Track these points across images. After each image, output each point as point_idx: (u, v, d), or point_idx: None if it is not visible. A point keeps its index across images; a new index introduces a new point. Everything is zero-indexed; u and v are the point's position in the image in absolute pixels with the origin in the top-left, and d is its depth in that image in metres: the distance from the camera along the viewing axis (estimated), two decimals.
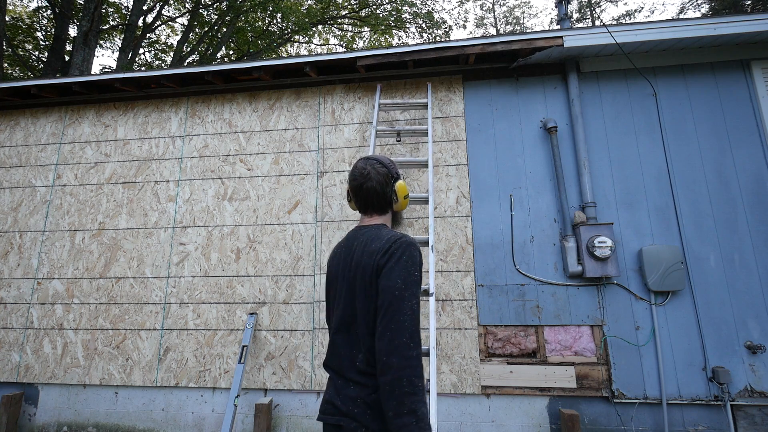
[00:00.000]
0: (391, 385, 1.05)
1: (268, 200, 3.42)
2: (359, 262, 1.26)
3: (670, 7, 28.38)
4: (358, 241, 1.34)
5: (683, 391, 2.78)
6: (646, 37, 3.01)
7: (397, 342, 1.09)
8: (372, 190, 1.40)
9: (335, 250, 1.44)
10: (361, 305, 1.22)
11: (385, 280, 1.17)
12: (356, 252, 1.30)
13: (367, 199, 1.41)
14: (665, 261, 2.85)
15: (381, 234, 1.30)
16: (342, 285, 1.31)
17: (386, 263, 1.19)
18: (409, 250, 1.22)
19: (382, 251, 1.22)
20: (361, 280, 1.24)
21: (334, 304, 1.35)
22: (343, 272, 1.32)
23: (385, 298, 1.15)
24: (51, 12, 11.15)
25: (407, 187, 1.46)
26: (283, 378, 3.07)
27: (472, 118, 3.43)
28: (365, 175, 1.41)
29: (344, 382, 1.23)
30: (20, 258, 3.56)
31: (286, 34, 14.12)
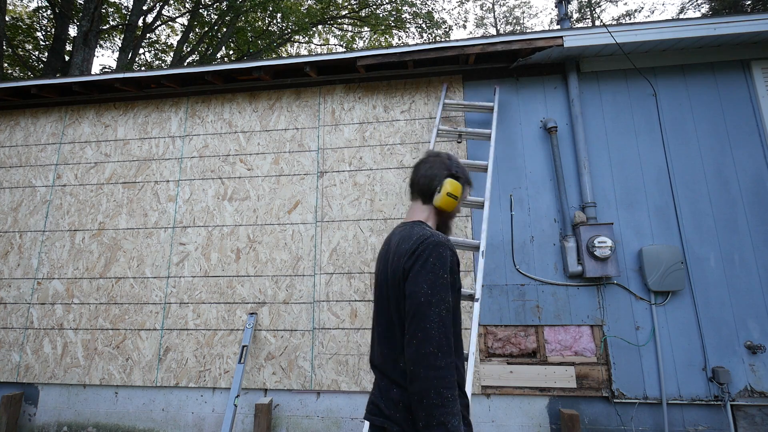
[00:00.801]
0: (420, 396, 1.02)
1: (268, 200, 3.42)
2: (391, 264, 1.22)
3: (670, 7, 28.38)
4: (394, 241, 1.29)
5: (683, 391, 2.78)
6: (646, 37, 3.01)
7: (423, 352, 1.03)
8: (421, 175, 1.36)
9: (382, 247, 1.39)
10: (394, 308, 1.18)
11: (411, 285, 1.11)
12: (391, 252, 1.26)
13: (413, 182, 1.38)
14: (665, 261, 2.85)
15: (413, 233, 1.22)
16: (380, 285, 1.28)
17: (412, 266, 1.13)
18: (437, 250, 1.13)
19: (409, 253, 1.15)
20: (392, 282, 1.19)
21: (375, 301, 1.32)
22: (382, 272, 1.28)
23: (410, 305, 1.09)
24: (51, 12, 11.15)
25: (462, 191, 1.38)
26: (283, 378, 3.07)
27: (472, 118, 3.43)
28: (424, 159, 1.40)
29: (388, 383, 1.20)
30: (20, 258, 3.56)
31: (286, 34, 14.12)
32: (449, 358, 1.04)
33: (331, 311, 3.14)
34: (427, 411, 1.00)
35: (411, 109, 3.48)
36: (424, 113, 3.45)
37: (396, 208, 3.27)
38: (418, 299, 1.08)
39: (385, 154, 3.40)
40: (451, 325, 1.07)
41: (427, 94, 3.50)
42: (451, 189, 1.33)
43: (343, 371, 3.03)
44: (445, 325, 1.06)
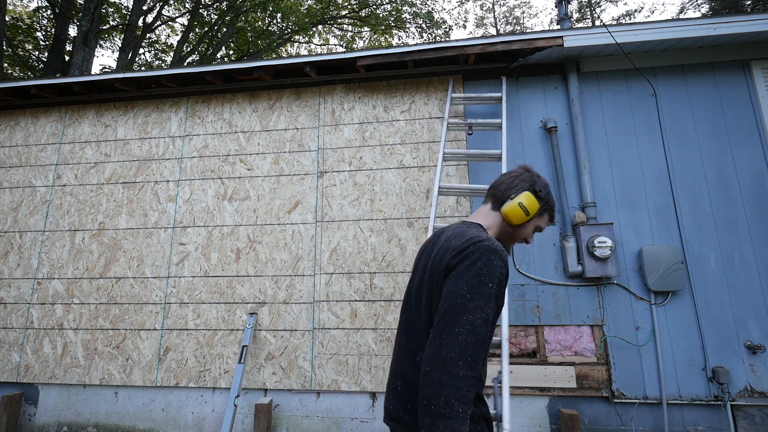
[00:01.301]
0: (428, 401, 0.93)
1: (268, 200, 3.42)
2: (435, 258, 1.15)
3: (670, 7, 28.38)
4: (444, 235, 1.22)
5: (683, 391, 2.78)
6: (646, 37, 3.01)
7: (444, 354, 0.94)
8: (502, 182, 1.30)
9: (427, 240, 1.34)
10: (427, 303, 1.12)
11: (449, 284, 1.03)
12: (437, 246, 1.19)
13: (492, 186, 1.32)
14: (665, 261, 2.85)
15: (467, 232, 1.14)
16: (416, 277, 1.23)
17: (457, 265, 1.05)
18: (487, 256, 1.04)
19: (457, 250, 1.07)
20: (430, 276, 1.13)
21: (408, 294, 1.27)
22: (422, 265, 1.23)
23: (444, 304, 1.01)
24: (51, 12, 11.15)
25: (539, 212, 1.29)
26: (283, 378, 3.07)
27: (473, 112, 3.43)
28: (512, 170, 1.34)
29: (399, 380, 1.15)
30: (20, 258, 3.56)
31: (286, 34, 14.12)
32: (471, 371, 0.93)
33: (331, 311, 3.14)
34: (432, 420, 0.91)
35: (411, 109, 3.48)
36: (424, 113, 3.45)
37: (396, 208, 3.27)
38: (453, 300, 1.00)
39: (385, 154, 3.40)
40: (483, 338, 0.97)
41: (427, 94, 3.50)
42: (525, 202, 1.24)
43: (343, 371, 3.03)
44: (476, 335, 0.96)
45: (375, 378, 2.99)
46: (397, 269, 3.15)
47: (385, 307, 3.10)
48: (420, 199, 3.26)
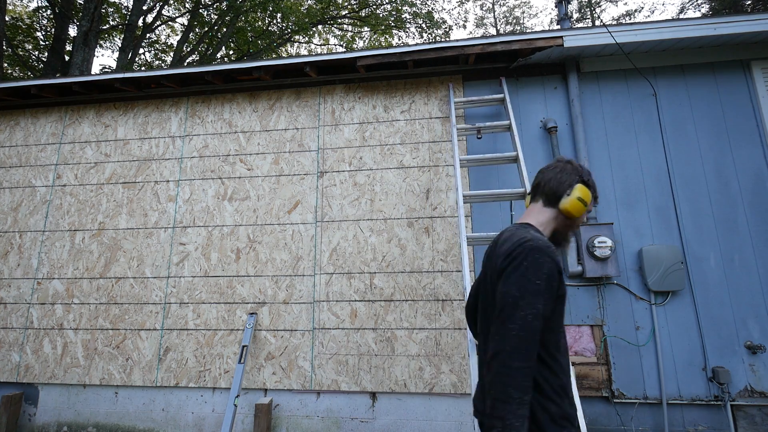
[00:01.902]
0: (489, 387, 1.07)
1: (268, 200, 3.42)
2: (492, 262, 1.26)
3: (670, 7, 28.39)
4: (500, 239, 1.29)
5: (683, 391, 2.78)
6: (646, 37, 3.01)
7: (499, 349, 1.06)
8: (549, 178, 1.34)
9: (489, 246, 1.40)
10: (491, 306, 1.22)
11: (502, 286, 1.14)
12: (494, 251, 1.28)
13: (539, 184, 1.36)
14: (665, 261, 2.85)
15: (515, 235, 1.23)
16: (483, 282, 1.32)
17: (506, 268, 1.15)
18: (532, 255, 1.12)
19: (506, 254, 1.17)
20: (491, 281, 1.24)
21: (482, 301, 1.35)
22: (484, 270, 1.34)
23: (498, 304, 1.12)
24: (51, 12, 11.15)
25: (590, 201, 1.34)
26: (283, 378, 3.07)
27: (473, 114, 3.44)
28: (552, 164, 1.38)
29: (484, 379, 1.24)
30: (20, 258, 3.56)
31: (286, 34, 14.12)
32: (524, 362, 1.04)
33: (331, 311, 3.14)
34: (492, 403, 1.05)
35: (411, 109, 3.48)
36: (424, 113, 3.45)
37: (396, 208, 3.27)
38: (506, 300, 1.10)
39: (385, 154, 3.40)
40: (536, 332, 1.07)
41: (427, 94, 3.50)
42: (582, 194, 1.30)
43: (343, 371, 3.03)
44: (528, 330, 1.06)
45: (375, 378, 2.99)
46: (397, 269, 3.15)
47: (385, 307, 3.10)
48: (420, 199, 3.26)
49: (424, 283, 3.10)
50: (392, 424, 2.96)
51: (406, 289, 3.11)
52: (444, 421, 2.92)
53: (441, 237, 3.16)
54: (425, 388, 2.93)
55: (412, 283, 3.11)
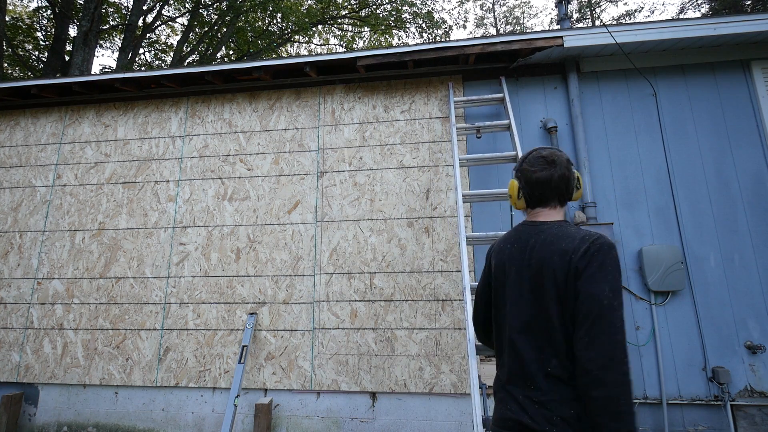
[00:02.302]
0: (606, 401, 0.99)
1: (268, 200, 3.42)
2: (545, 262, 1.17)
3: (670, 7, 28.38)
4: (536, 239, 1.23)
5: (683, 391, 2.78)
6: (646, 37, 3.01)
7: (611, 355, 1.01)
8: (562, 178, 1.29)
9: (500, 246, 1.35)
10: (554, 308, 1.14)
11: (588, 287, 1.07)
12: (536, 250, 1.21)
13: (558, 189, 1.30)
14: (665, 261, 2.85)
15: (569, 232, 1.19)
16: (520, 283, 1.23)
17: (587, 267, 1.09)
18: (612, 253, 1.11)
19: (579, 252, 1.11)
20: (551, 281, 1.15)
21: (504, 302, 1.27)
22: (520, 270, 1.24)
23: (591, 307, 1.06)
24: (51, 12, 11.15)
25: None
26: (283, 378, 3.07)
27: (472, 118, 3.44)
28: (553, 161, 1.30)
29: (529, 391, 1.15)
30: (20, 258, 3.56)
31: (286, 34, 14.12)
32: (629, 366, 1.03)
33: (331, 311, 3.14)
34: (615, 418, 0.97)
35: (411, 109, 3.48)
36: (424, 113, 3.45)
37: (396, 208, 3.27)
38: (600, 302, 1.05)
39: (385, 154, 3.40)
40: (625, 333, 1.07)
41: (427, 94, 3.50)
42: (580, 181, 1.36)
43: (343, 371, 3.03)
44: (624, 333, 1.04)
45: (375, 378, 2.99)
46: (397, 269, 3.15)
47: (385, 307, 3.10)
48: (420, 199, 3.26)
49: (424, 283, 3.10)
50: (392, 424, 2.96)
51: (406, 289, 3.11)
52: (444, 421, 2.92)
53: (441, 237, 3.16)
54: (425, 388, 2.93)
55: (412, 283, 3.11)
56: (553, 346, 1.14)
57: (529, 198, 1.35)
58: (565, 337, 1.12)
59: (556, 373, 1.13)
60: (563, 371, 1.13)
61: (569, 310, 1.11)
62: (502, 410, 1.21)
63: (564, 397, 1.11)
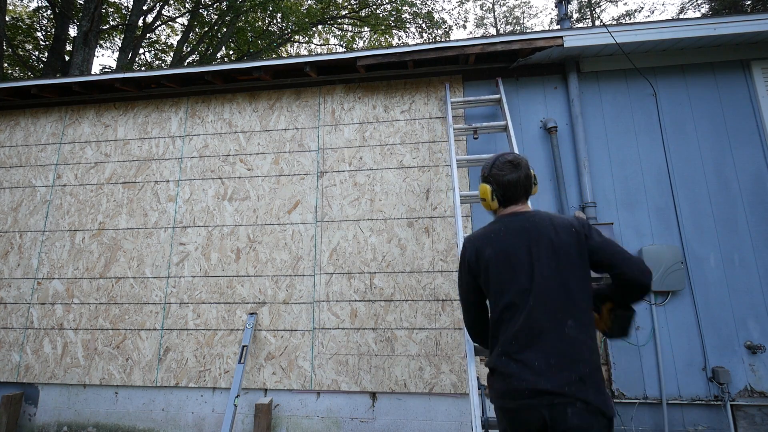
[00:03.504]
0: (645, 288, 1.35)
1: (268, 200, 3.42)
2: (555, 240, 1.41)
3: (670, 7, 28.38)
4: (530, 223, 1.48)
5: (683, 391, 2.78)
6: (646, 37, 3.01)
7: (639, 263, 1.36)
8: (527, 177, 1.58)
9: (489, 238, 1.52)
10: (574, 272, 1.38)
11: (600, 242, 1.42)
12: (538, 230, 1.44)
13: (525, 187, 1.58)
14: (665, 261, 2.85)
15: (552, 215, 1.51)
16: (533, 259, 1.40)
17: (588, 232, 1.43)
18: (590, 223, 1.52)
19: (577, 225, 1.44)
20: (566, 252, 1.39)
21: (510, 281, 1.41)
22: (528, 249, 1.42)
23: (612, 250, 1.40)
24: (51, 12, 11.15)
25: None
26: (283, 378, 3.07)
27: (472, 114, 3.43)
28: (519, 164, 1.58)
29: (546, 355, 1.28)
30: (20, 258, 3.56)
31: (286, 34, 14.12)
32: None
33: (331, 311, 3.14)
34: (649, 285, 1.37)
35: (411, 109, 3.48)
36: (424, 113, 3.45)
37: (396, 208, 3.27)
38: (613, 244, 1.43)
39: (385, 154, 3.40)
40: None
41: (427, 94, 3.50)
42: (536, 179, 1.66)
43: (343, 371, 3.03)
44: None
45: (375, 378, 2.99)
46: (397, 269, 3.15)
47: (385, 307, 3.10)
48: (420, 199, 3.26)
49: (424, 283, 3.10)
50: (392, 424, 2.96)
51: (406, 289, 3.11)
52: (444, 421, 2.92)
53: (441, 237, 3.16)
54: (425, 388, 2.93)
55: (412, 283, 3.11)
56: (569, 308, 1.33)
57: (502, 198, 1.59)
58: (581, 298, 1.35)
59: (573, 333, 1.29)
60: (579, 331, 1.30)
61: (588, 268, 1.41)
62: (511, 382, 1.30)
63: (579, 357, 1.26)
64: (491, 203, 1.60)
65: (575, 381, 1.23)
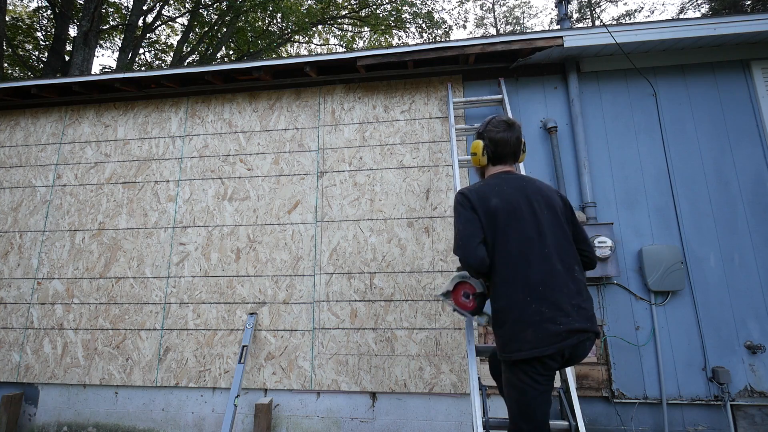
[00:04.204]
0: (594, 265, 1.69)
1: (268, 200, 3.42)
2: (550, 198, 1.62)
3: (670, 7, 28.37)
4: (525, 182, 1.64)
5: (683, 391, 2.78)
6: (646, 37, 3.01)
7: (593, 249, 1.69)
8: (518, 140, 1.70)
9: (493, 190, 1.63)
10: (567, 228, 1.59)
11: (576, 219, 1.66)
12: (535, 189, 1.62)
13: (515, 148, 1.70)
14: (665, 261, 2.85)
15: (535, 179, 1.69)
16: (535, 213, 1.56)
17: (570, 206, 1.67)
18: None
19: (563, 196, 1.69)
20: (559, 210, 1.61)
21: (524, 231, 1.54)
22: (530, 204, 1.58)
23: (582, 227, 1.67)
24: (51, 12, 11.15)
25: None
26: (283, 378, 3.07)
27: (472, 118, 3.43)
28: (512, 125, 1.69)
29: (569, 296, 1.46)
30: (20, 258, 3.56)
31: (286, 34, 14.12)
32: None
33: (331, 311, 3.14)
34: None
35: (411, 109, 3.48)
36: (424, 113, 3.45)
37: (396, 208, 3.27)
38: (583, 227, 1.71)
39: (385, 154, 3.40)
40: None
41: (427, 94, 3.50)
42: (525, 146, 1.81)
43: (343, 371, 3.03)
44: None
45: (375, 378, 2.98)
46: (397, 269, 3.15)
47: (385, 307, 3.10)
48: (420, 199, 3.26)
49: (424, 283, 3.10)
50: (392, 424, 2.96)
51: (406, 289, 3.11)
52: (444, 421, 2.92)
53: (441, 237, 3.16)
54: (425, 388, 2.93)
55: (412, 283, 3.11)
56: (573, 254, 1.55)
57: (492, 155, 1.71)
58: (574, 247, 1.59)
59: (580, 276, 1.53)
60: (581, 275, 1.54)
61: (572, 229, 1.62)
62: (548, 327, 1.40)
63: (587, 296, 1.51)
64: (481, 158, 1.71)
65: (591, 317, 1.47)
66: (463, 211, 1.61)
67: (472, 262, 1.54)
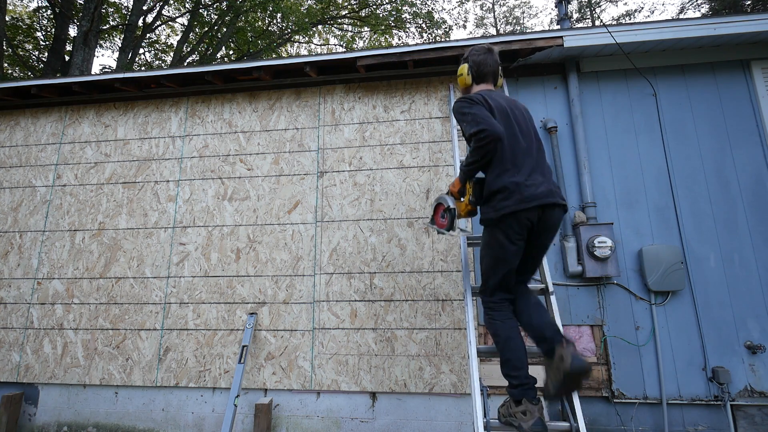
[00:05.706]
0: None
1: (268, 200, 3.42)
2: (522, 110, 2.01)
3: (670, 7, 28.36)
4: (506, 99, 1.99)
5: (683, 391, 2.78)
6: (646, 37, 3.01)
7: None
8: (496, 62, 2.06)
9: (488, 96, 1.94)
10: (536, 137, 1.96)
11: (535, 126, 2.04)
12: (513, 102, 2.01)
13: (494, 69, 2.06)
14: (665, 261, 2.85)
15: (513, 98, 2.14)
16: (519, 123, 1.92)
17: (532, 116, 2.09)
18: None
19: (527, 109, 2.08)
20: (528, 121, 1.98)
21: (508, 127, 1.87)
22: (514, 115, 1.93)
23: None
24: (51, 12, 11.15)
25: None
26: (283, 378, 3.07)
27: None
28: (491, 50, 2.07)
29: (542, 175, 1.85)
30: (20, 258, 3.56)
31: (286, 34, 14.12)
32: None
33: (331, 311, 3.14)
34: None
35: (411, 109, 3.48)
36: (424, 113, 3.45)
37: (396, 208, 3.27)
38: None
39: (385, 154, 3.40)
40: None
41: (427, 94, 3.50)
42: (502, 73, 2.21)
43: (343, 371, 3.03)
44: None
45: (375, 378, 2.99)
46: (397, 269, 3.15)
47: (385, 307, 3.10)
48: (420, 199, 3.26)
49: (424, 283, 3.10)
50: (392, 424, 2.96)
51: (406, 289, 3.11)
52: (444, 421, 2.92)
53: (441, 237, 3.16)
54: (425, 388, 2.93)
55: (412, 283, 3.11)
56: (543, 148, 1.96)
57: (475, 74, 2.06)
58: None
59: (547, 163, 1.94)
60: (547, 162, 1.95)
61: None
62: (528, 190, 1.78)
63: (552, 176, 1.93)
64: (467, 78, 2.05)
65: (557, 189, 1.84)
66: (472, 104, 1.87)
67: (497, 130, 1.76)
